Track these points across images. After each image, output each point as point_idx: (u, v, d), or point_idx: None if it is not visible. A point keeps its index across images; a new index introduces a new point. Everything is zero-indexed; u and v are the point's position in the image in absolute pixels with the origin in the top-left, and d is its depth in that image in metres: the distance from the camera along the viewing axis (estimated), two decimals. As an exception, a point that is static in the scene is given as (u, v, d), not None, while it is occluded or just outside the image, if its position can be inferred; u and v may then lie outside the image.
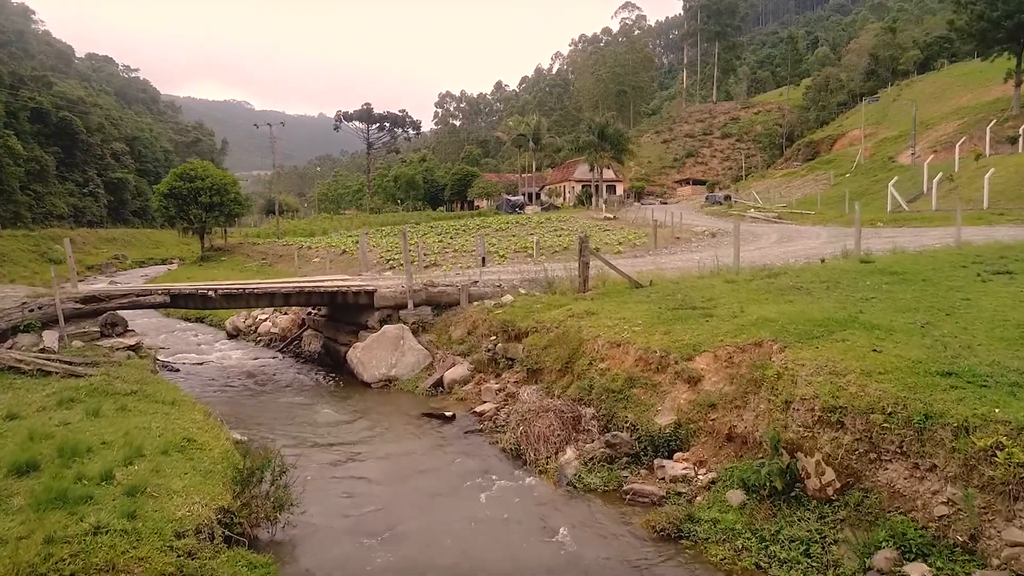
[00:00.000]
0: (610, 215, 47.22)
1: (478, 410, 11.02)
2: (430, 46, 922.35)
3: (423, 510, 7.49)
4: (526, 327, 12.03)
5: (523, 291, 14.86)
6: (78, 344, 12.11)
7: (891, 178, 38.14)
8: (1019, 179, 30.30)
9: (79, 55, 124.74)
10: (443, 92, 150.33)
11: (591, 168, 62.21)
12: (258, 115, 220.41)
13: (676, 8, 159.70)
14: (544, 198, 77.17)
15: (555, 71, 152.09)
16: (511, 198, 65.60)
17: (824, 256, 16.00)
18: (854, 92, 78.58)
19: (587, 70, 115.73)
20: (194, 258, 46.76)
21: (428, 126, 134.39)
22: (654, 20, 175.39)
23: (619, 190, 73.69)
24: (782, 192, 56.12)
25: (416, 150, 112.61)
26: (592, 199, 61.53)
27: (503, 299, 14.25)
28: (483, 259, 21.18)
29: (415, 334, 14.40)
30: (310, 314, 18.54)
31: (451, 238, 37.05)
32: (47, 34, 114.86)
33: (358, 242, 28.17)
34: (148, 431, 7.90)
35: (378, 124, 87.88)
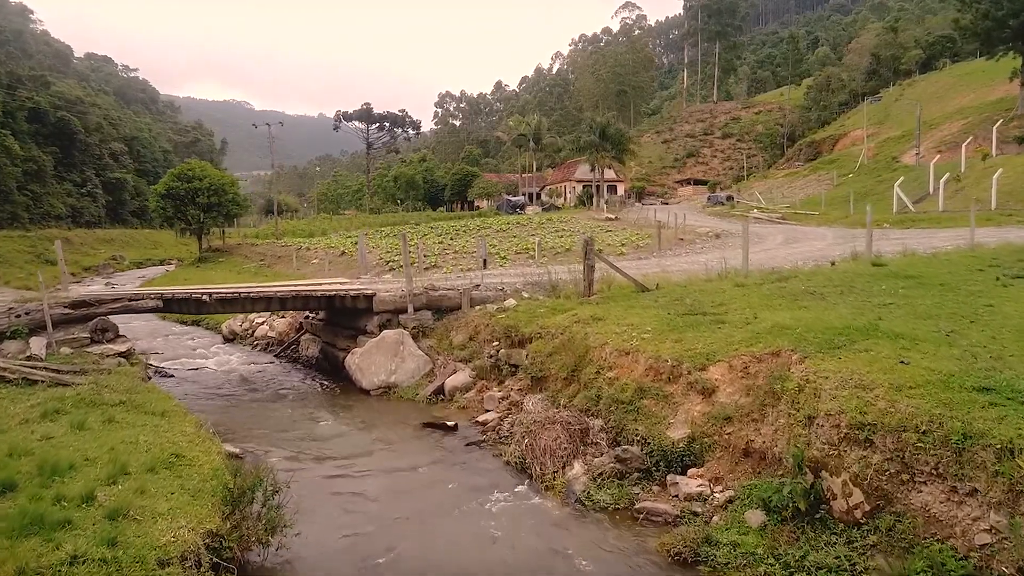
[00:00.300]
0: (611, 216, 46.82)
1: (480, 420, 10.65)
2: (430, 46, 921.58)
3: (424, 530, 7.11)
4: (530, 333, 11.66)
5: (526, 295, 14.47)
6: (67, 351, 11.70)
7: (895, 178, 37.78)
8: (1027, 180, 29.92)
9: (78, 55, 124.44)
10: (443, 92, 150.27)
11: (592, 168, 61.80)
12: (258, 115, 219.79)
13: (676, 8, 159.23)
14: (545, 198, 76.79)
15: (555, 71, 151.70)
16: (511, 198, 65.21)
17: (833, 258, 15.66)
18: (856, 92, 78.24)
19: (587, 70, 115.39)
20: (192, 259, 46.34)
21: (428, 126, 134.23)
22: (654, 20, 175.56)
23: (620, 190, 73.33)
24: (785, 192, 55.78)
25: (416, 150, 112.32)
26: (593, 199, 61.14)
27: (506, 303, 13.87)
28: (484, 261, 20.79)
29: (415, 339, 14.01)
30: (308, 318, 18.16)
31: (451, 239, 36.65)
32: (45, 34, 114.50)
33: (357, 243, 27.77)
34: (135, 446, 7.51)
35: (378, 124, 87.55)
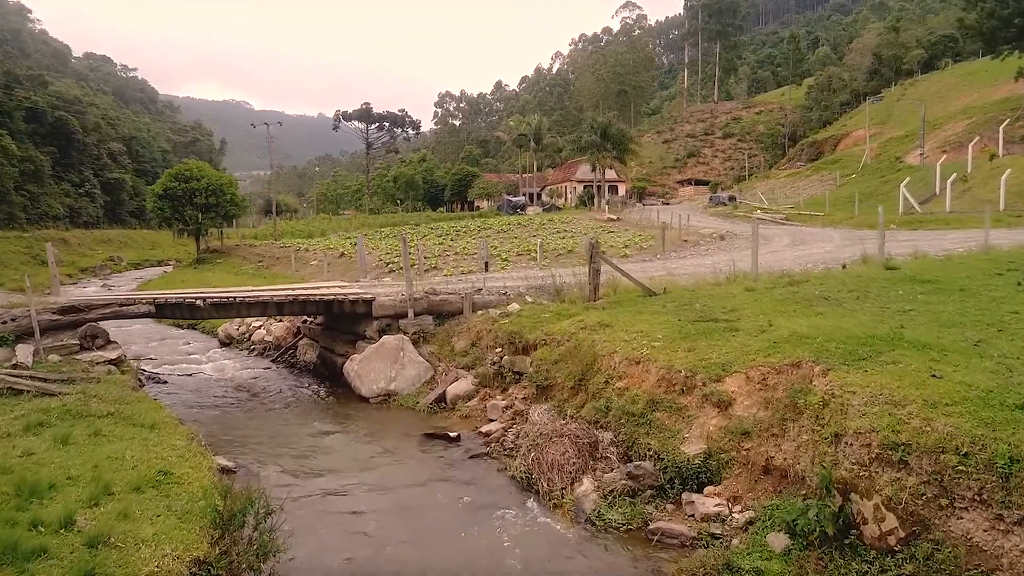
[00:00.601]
0: (613, 216, 46.43)
1: (484, 430, 10.25)
2: (430, 46, 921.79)
3: (427, 554, 6.71)
4: (534, 339, 11.27)
5: (530, 299, 14.07)
6: (55, 359, 11.31)
7: (899, 179, 37.39)
8: (1036, 180, 29.53)
9: (76, 54, 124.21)
10: (443, 92, 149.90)
11: (593, 168, 61.39)
12: (257, 115, 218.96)
13: (677, 8, 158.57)
14: (545, 198, 76.39)
15: (555, 71, 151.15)
16: (512, 199, 64.80)
17: (844, 261, 15.31)
18: (857, 91, 77.74)
19: (588, 70, 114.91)
20: (190, 260, 45.88)
21: (428, 126, 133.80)
22: (655, 20, 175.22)
23: (621, 190, 72.96)
24: (787, 193, 55.37)
25: (416, 150, 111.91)
26: (594, 200, 60.74)
27: (509, 308, 13.47)
28: (486, 264, 20.36)
29: (416, 345, 13.62)
30: (306, 322, 17.76)
31: (452, 240, 36.22)
32: (44, 33, 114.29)
33: (356, 244, 27.35)
34: (121, 462, 7.14)
35: (377, 124, 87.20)
